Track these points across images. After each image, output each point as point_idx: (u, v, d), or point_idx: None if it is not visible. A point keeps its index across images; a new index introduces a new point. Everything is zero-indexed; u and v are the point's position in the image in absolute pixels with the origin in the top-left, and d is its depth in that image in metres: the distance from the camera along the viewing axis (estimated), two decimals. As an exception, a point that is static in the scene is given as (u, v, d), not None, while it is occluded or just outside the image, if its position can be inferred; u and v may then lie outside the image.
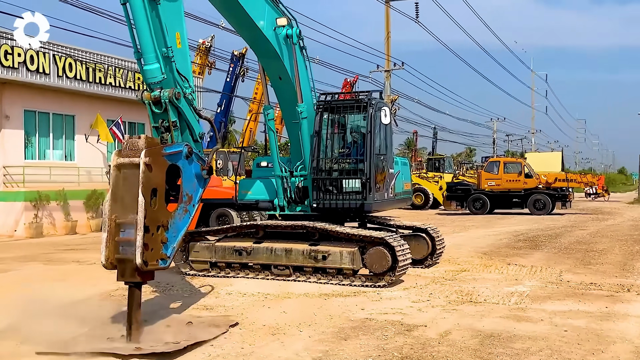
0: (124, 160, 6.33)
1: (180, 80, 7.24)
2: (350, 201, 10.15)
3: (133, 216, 6.11)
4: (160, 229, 6.34)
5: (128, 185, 6.25)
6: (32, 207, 19.51)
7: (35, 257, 13.67)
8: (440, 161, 39.63)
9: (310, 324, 7.11)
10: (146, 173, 6.15)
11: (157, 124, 7.18)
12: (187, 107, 7.32)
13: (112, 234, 6.19)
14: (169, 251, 6.44)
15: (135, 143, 6.41)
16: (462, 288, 9.30)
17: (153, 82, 7.11)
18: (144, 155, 6.19)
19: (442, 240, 11.66)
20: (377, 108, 10.33)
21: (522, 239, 16.40)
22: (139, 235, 6.01)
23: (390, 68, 33.87)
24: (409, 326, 7.00)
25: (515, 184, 27.11)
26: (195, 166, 6.92)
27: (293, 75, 10.03)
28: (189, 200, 6.76)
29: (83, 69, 22.76)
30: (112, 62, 24.28)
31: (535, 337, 6.49)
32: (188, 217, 6.69)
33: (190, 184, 6.84)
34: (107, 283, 9.87)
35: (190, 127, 7.42)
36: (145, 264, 6.09)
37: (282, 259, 9.88)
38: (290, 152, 10.93)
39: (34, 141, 22.38)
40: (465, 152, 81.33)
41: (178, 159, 6.70)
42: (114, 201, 6.24)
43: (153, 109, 7.16)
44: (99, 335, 6.48)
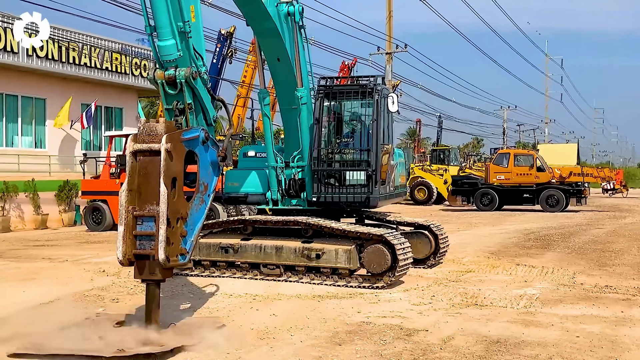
0: (141, 147, 6.27)
1: (195, 58, 7.21)
2: (355, 195, 10.20)
3: (151, 207, 6.10)
4: (180, 221, 6.34)
5: (145, 173, 6.22)
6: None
7: (1, 254, 13.65)
8: (446, 152, 39.67)
9: (302, 328, 7.15)
10: (167, 161, 6.13)
11: (170, 106, 7.13)
12: (203, 87, 7.30)
13: (129, 227, 6.16)
14: (188, 245, 6.45)
15: (154, 127, 6.35)
16: (467, 290, 9.36)
17: (168, 60, 7.04)
18: (165, 140, 6.14)
19: (446, 238, 11.72)
20: (383, 95, 10.37)
21: (532, 238, 16.48)
22: (161, 229, 6.00)
23: (392, 50, 33.85)
24: (409, 331, 7.04)
25: (526, 178, 27.18)
26: (211, 153, 6.93)
27: (293, 57, 10.04)
28: (205, 190, 6.77)
29: (55, 47, 22.68)
30: (88, 40, 24.19)
31: (545, 344, 6.55)
32: (204, 208, 6.71)
33: (206, 172, 6.85)
34: (80, 282, 9.90)
35: (204, 109, 7.41)
36: (168, 259, 6.09)
37: (272, 258, 9.92)
38: (285, 141, 10.93)
39: (0, 127, 22.30)
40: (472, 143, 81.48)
41: (196, 145, 6.70)
42: (130, 191, 6.19)
43: (167, 89, 7.09)
44: (74, 337, 6.51)
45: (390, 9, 33.75)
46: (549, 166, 27.76)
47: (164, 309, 7.98)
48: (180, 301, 8.56)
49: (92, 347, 6.17)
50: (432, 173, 33.44)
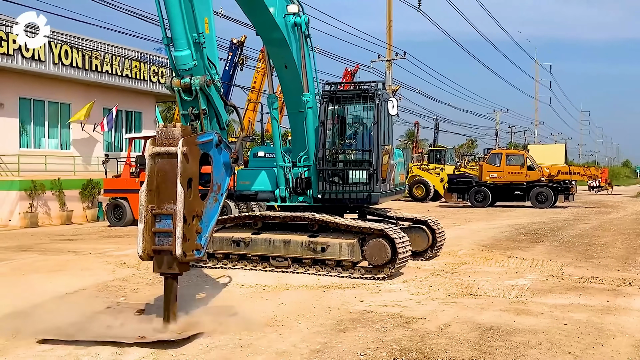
0: (159, 150, 6.33)
1: (209, 67, 7.25)
2: (357, 192, 10.20)
3: (169, 206, 6.17)
4: (195, 219, 6.40)
5: (163, 174, 6.28)
6: (27, 196, 19.53)
7: (30, 247, 13.71)
8: (442, 153, 39.61)
9: (309, 316, 7.15)
10: (183, 163, 6.19)
11: (186, 112, 7.20)
12: (216, 94, 7.34)
13: (148, 224, 6.23)
14: (203, 241, 6.49)
15: (171, 132, 6.42)
16: (462, 281, 9.35)
17: (184, 69, 7.10)
18: (181, 144, 6.20)
19: (442, 232, 11.71)
20: (383, 99, 10.38)
21: (523, 232, 16.44)
22: (178, 226, 6.06)
23: (391, 57, 33.79)
24: (408, 319, 7.04)
25: (517, 177, 27.11)
26: (224, 155, 6.96)
27: (299, 64, 10.04)
28: (219, 189, 6.81)
29: (79, 56, 22.74)
30: (109, 49, 24.25)
31: (535, 331, 6.54)
32: (217, 207, 6.75)
33: (220, 173, 6.89)
34: (103, 274, 9.94)
35: (218, 114, 7.45)
36: (185, 254, 6.15)
37: (281, 251, 9.92)
38: (292, 142, 10.94)
39: (29, 129, 22.38)
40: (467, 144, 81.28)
41: (210, 148, 6.74)
42: (149, 191, 6.26)
43: (183, 96, 7.16)
44: (98, 324, 6.54)
45: (390, 18, 33.70)
46: (539, 165, 27.67)
47: (182, 298, 8.02)
48: (195, 291, 8.58)
49: (115, 333, 6.20)
50: (429, 172, 33.39)
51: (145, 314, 6.92)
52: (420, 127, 59.08)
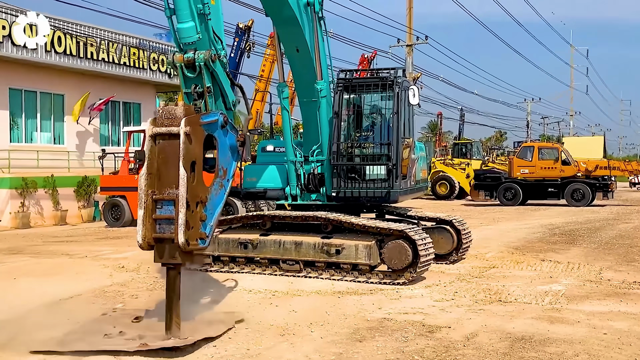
0: (160, 130, 6.33)
1: (215, 41, 7.26)
2: (375, 189, 10.18)
3: (171, 191, 6.17)
4: (199, 205, 6.40)
5: (164, 157, 6.29)
6: (18, 195, 19.74)
7: (21, 250, 13.85)
8: (468, 146, 39.44)
9: (322, 324, 7.16)
10: (186, 144, 6.20)
11: (189, 90, 7.20)
12: (222, 71, 7.35)
13: (148, 210, 6.23)
14: (208, 230, 6.49)
15: (173, 111, 6.41)
16: (491, 286, 9.31)
17: (187, 43, 7.11)
18: (184, 124, 6.21)
19: (468, 233, 11.66)
20: (403, 87, 10.33)
21: (557, 233, 16.34)
22: (181, 212, 6.06)
23: (412, 42, 33.69)
24: (431, 327, 7.03)
25: (551, 172, 26.93)
26: (230, 137, 6.96)
27: (312, 48, 10.03)
28: (224, 175, 6.82)
29: (73, 43, 22.89)
30: (106, 35, 24.38)
31: (572, 341, 6.50)
32: (224, 193, 6.75)
33: (226, 157, 6.90)
34: (99, 278, 10.01)
35: (224, 93, 7.46)
36: (188, 243, 6.14)
37: (292, 253, 9.93)
38: (304, 135, 10.94)
39: (20, 123, 22.59)
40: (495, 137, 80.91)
41: (214, 129, 6.74)
42: (149, 175, 6.27)
43: (185, 72, 7.18)
44: (94, 332, 6.58)
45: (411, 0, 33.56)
46: (575, 160, 27.47)
47: (184, 304, 8.06)
48: (199, 297, 8.61)
49: (114, 342, 6.24)
50: (454, 167, 33.28)
51: (146, 320, 6.96)
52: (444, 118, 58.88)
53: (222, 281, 9.70)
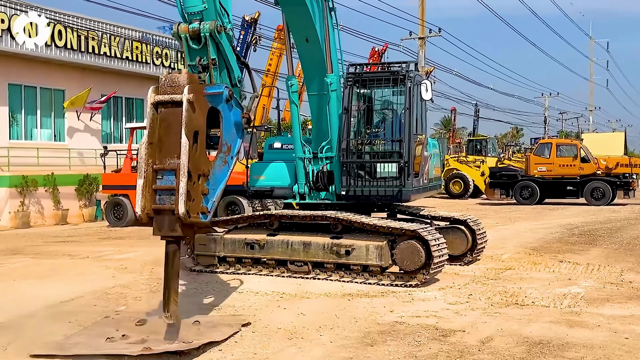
0: (162, 98, 6.35)
1: (221, 13, 7.27)
2: (386, 188, 10.17)
3: (172, 161, 6.18)
4: (201, 178, 6.42)
5: (166, 126, 6.31)
6: (17, 193, 19.84)
7: (21, 250, 13.92)
8: (483, 143, 39.35)
9: (332, 328, 7.16)
10: (189, 112, 6.20)
11: (193, 62, 7.23)
12: (228, 44, 7.38)
13: (148, 181, 6.24)
14: (210, 205, 6.50)
15: (176, 79, 6.43)
16: (507, 288, 9.28)
17: (192, 12, 7.14)
18: (187, 91, 6.22)
19: (484, 233, 11.63)
20: (415, 82, 10.30)
21: (576, 233, 16.27)
22: (182, 182, 6.06)
23: (425, 35, 33.60)
24: (445, 331, 7.01)
25: (569, 170, 26.82)
26: (235, 112, 6.97)
27: (323, 38, 10.03)
28: (228, 151, 6.84)
29: (74, 37, 22.99)
30: (108, 29, 24.48)
31: (592, 345, 6.47)
32: (227, 170, 6.77)
33: (230, 133, 6.89)
34: (101, 280, 10.05)
35: (229, 67, 7.49)
36: (188, 214, 6.14)
37: (300, 254, 9.94)
38: (313, 131, 10.95)
39: (19, 119, 22.72)
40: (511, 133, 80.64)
41: (219, 102, 6.75)
42: (150, 144, 6.29)
43: (190, 44, 7.22)
44: (96, 336, 6.61)
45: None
46: (594, 157, 27.35)
47: (189, 306, 8.09)
48: (204, 299, 8.64)
49: (116, 346, 6.26)
50: (468, 165, 33.18)
51: (149, 323, 6.98)
52: (458, 114, 58.71)
53: (228, 283, 9.71)
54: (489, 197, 28.98)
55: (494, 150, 39.32)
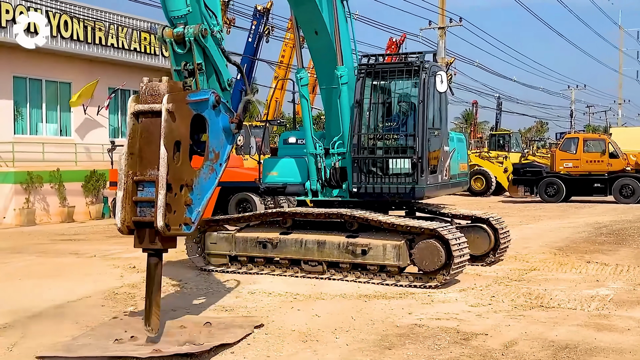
0: (142, 107, 6.40)
1: (208, 15, 7.26)
2: (399, 185, 10.13)
3: (153, 172, 6.24)
4: (184, 188, 6.45)
5: (147, 136, 6.36)
6: (22, 190, 19.99)
7: (26, 249, 14.04)
8: (506, 138, 39.18)
9: (348, 330, 7.16)
10: (169, 122, 6.24)
11: (179, 67, 7.24)
12: (215, 47, 7.37)
13: (129, 192, 6.31)
14: (194, 215, 6.53)
15: (156, 87, 6.47)
16: (531, 290, 9.24)
17: (176, 16, 7.15)
18: (166, 101, 6.26)
19: (507, 232, 11.58)
20: (431, 73, 10.25)
21: (605, 233, 16.17)
22: (160, 194, 6.12)
23: (445, 25, 33.49)
24: (467, 334, 6.99)
25: (597, 166, 26.63)
26: (223, 118, 6.95)
27: (332, 30, 10.03)
28: (216, 158, 6.83)
29: (80, 28, 23.12)
30: (115, 19, 24.59)
31: (621, 350, 6.42)
32: (215, 178, 6.77)
33: (217, 139, 6.89)
34: (109, 279, 10.12)
35: (217, 71, 7.48)
36: (168, 227, 6.20)
37: (314, 253, 9.95)
38: (325, 125, 10.95)
39: (24, 113, 22.88)
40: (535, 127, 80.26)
41: (204, 109, 6.74)
42: (130, 155, 6.34)
43: (175, 48, 7.21)
44: (104, 337, 6.65)
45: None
46: (623, 152, 27.12)
47: (200, 307, 8.13)
48: (215, 299, 8.67)
49: (125, 348, 6.30)
50: (490, 161, 33.05)
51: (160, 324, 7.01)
52: (480, 107, 58.54)
53: (240, 283, 9.74)
54: (512, 195, 28.84)
55: (518, 145, 39.12)
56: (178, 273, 10.30)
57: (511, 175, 29.42)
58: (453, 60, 38.21)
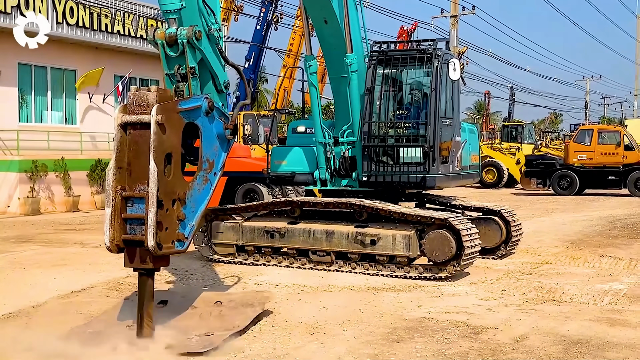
0: (130, 119, 6.15)
1: (205, 12, 7.02)
2: (410, 174, 10.12)
3: (143, 188, 6.01)
4: (177, 203, 6.25)
5: (136, 149, 6.13)
6: (27, 179, 20.06)
7: (31, 238, 14.13)
8: (518, 129, 38.98)
9: (356, 323, 7.17)
10: (158, 134, 5.98)
11: (171, 71, 6.96)
12: (210, 49, 7.12)
13: (117, 209, 6.07)
14: (187, 230, 6.36)
15: (144, 97, 6.20)
16: (543, 284, 9.22)
17: (168, 11, 6.87)
18: (155, 112, 5.99)
19: (519, 225, 11.55)
20: (443, 60, 10.21)
21: (619, 226, 16.12)
22: (151, 212, 5.88)
23: (457, 13, 33.33)
24: (477, 328, 6.99)
25: (612, 158, 26.51)
26: (217, 125, 6.76)
27: (342, 18, 10.00)
28: (210, 167, 6.68)
29: (86, 14, 23.13)
30: (122, 6, 24.59)
31: (634, 345, 6.40)
32: (209, 188, 6.61)
33: (211, 147, 6.72)
34: (114, 269, 10.15)
35: (213, 73, 7.26)
36: (159, 246, 5.98)
37: (323, 244, 9.95)
38: (335, 114, 10.95)
39: (29, 101, 22.95)
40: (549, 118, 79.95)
41: (197, 116, 6.54)
42: (119, 169, 6.11)
43: (167, 51, 6.91)
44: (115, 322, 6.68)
45: (456, -35, 33.16)
46: (639, 144, 26.99)
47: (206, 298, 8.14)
48: (222, 291, 8.69)
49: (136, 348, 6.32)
50: (502, 152, 32.95)
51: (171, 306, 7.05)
52: (492, 98, 58.32)
53: (247, 274, 9.77)
54: (525, 187, 28.76)
55: (531, 136, 38.92)
56: (184, 264, 10.33)
57: (524, 167, 29.33)
58: (465, 49, 38.10)
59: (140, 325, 6.30)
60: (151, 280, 6.43)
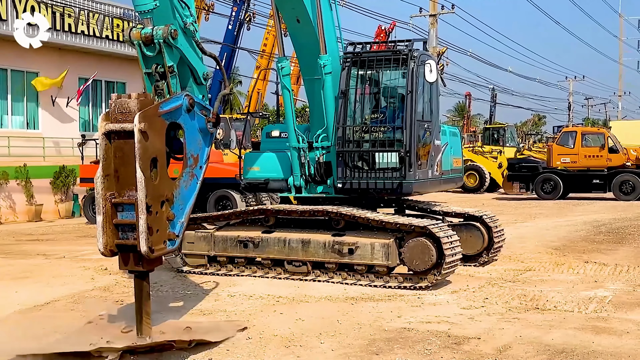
0: (113, 127, 6.32)
1: (180, 6, 7.16)
2: (385, 180, 10.15)
3: (132, 193, 6.22)
4: (165, 204, 6.44)
5: (121, 156, 6.31)
6: (-14, 187, 19.81)
7: (-9, 249, 13.94)
8: (500, 131, 39.35)
9: (334, 334, 7.17)
10: (142, 142, 6.15)
11: (150, 70, 7.16)
12: (187, 44, 7.29)
13: (108, 215, 6.28)
14: (177, 228, 6.56)
15: (126, 104, 6.37)
16: (526, 292, 9.29)
17: (143, 11, 7.02)
18: (138, 120, 6.15)
19: (501, 231, 11.63)
20: (419, 62, 10.27)
21: (604, 231, 16.28)
22: (141, 219, 6.10)
23: (436, 12, 33.57)
24: (458, 338, 7.02)
25: (596, 161, 26.80)
26: (199, 120, 6.93)
27: (315, 18, 10.02)
28: (195, 162, 6.84)
29: (48, 14, 22.93)
30: (85, 5, 24.42)
31: (619, 354, 6.47)
32: (196, 183, 6.79)
33: (195, 143, 6.88)
34: (79, 282, 10.08)
35: (192, 68, 7.44)
36: (152, 250, 6.20)
37: (298, 253, 9.95)
38: (310, 117, 10.96)
39: (-12, 105, 22.67)
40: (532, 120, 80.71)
41: (178, 116, 6.72)
42: (106, 177, 6.30)
43: (144, 51, 7.09)
44: (78, 343, 6.63)
45: (435, -37, 33.41)
46: (623, 147, 27.32)
47: (177, 311, 8.10)
48: (193, 303, 8.65)
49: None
50: (484, 155, 33.19)
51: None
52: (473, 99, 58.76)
53: (219, 285, 9.73)
54: (507, 192, 28.97)
55: (513, 139, 39.32)
56: (153, 275, 10.18)
57: (506, 171, 29.53)
58: (445, 49, 38.33)
59: (140, 324, 6.55)
60: (147, 282, 6.71)
